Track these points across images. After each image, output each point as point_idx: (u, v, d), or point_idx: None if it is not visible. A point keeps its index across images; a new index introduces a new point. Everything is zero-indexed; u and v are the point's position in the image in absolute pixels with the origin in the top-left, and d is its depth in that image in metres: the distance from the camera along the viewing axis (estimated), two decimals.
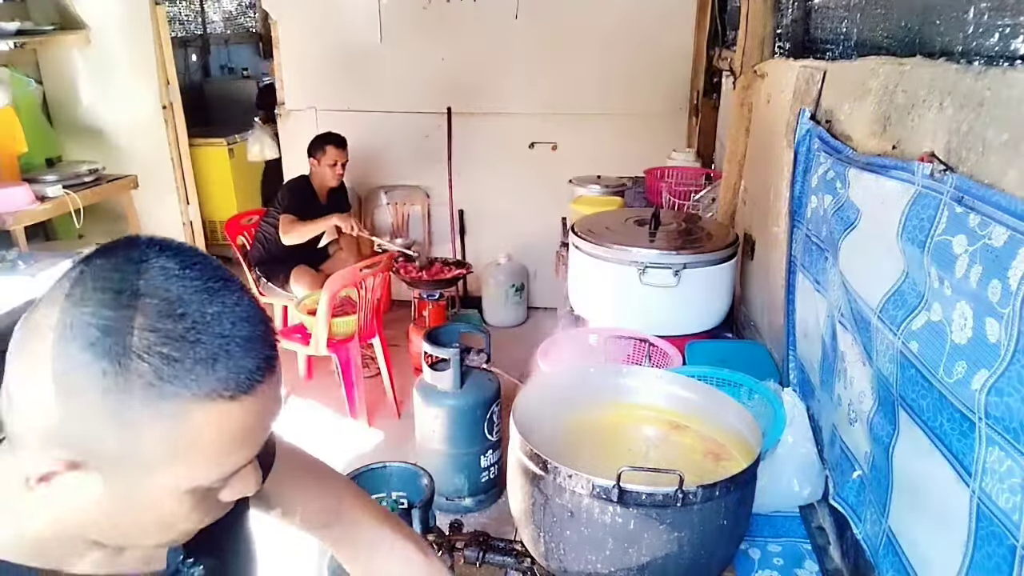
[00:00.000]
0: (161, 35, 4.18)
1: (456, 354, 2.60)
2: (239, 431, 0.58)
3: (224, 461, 0.59)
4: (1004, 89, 0.78)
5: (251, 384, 0.57)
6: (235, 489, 0.64)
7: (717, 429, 1.17)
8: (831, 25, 1.65)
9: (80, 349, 0.53)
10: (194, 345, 0.54)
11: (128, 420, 0.54)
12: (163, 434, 0.55)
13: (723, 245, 1.79)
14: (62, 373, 0.53)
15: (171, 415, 0.54)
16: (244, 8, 7.12)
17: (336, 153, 3.65)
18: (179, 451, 0.56)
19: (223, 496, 0.64)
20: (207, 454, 0.57)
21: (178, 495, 0.59)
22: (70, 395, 0.53)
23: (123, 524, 0.61)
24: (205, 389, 0.54)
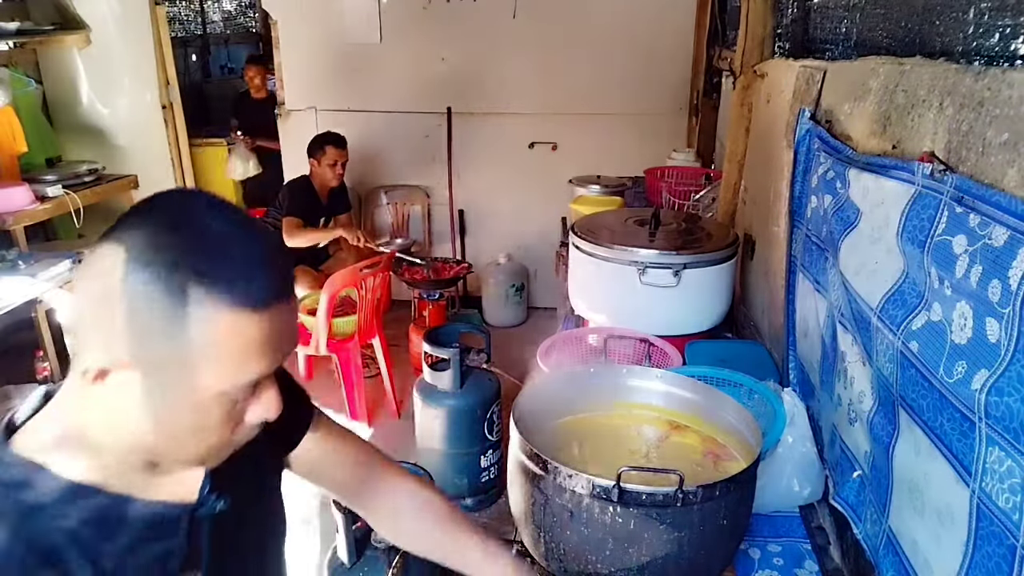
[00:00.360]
0: (161, 35, 4.18)
1: (456, 354, 2.60)
2: (257, 342, 0.67)
3: (244, 368, 0.68)
4: (1004, 89, 0.78)
5: (269, 301, 0.67)
6: (258, 410, 0.73)
7: (717, 429, 1.17)
8: (831, 25, 1.65)
9: (135, 267, 0.63)
10: (225, 265, 0.65)
11: (168, 325, 0.64)
12: (195, 338, 0.64)
13: (723, 245, 1.79)
14: (118, 286, 0.64)
15: (203, 321, 0.64)
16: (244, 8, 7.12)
17: (336, 153, 3.66)
18: (207, 355, 0.65)
19: (248, 417, 0.73)
20: (230, 359, 0.67)
21: (207, 400, 0.68)
22: (122, 304, 0.64)
23: (162, 428, 0.69)
24: (231, 301, 0.64)
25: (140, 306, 0.63)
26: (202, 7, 6.39)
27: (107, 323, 0.64)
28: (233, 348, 0.66)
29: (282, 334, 0.70)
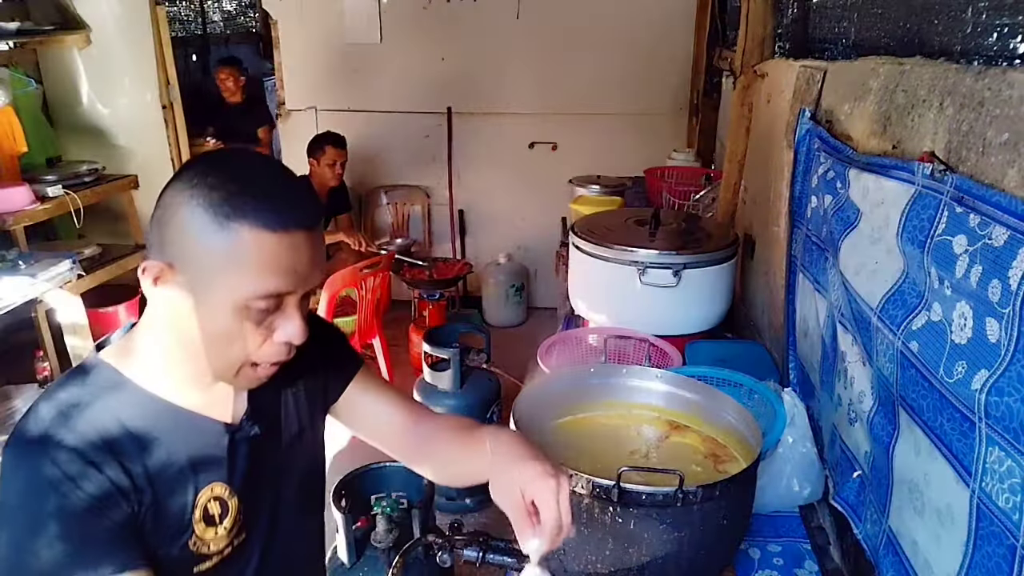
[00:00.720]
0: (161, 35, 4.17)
1: (456, 354, 2.60)
2: (275, 259, 0.78)
3: (264, 280, 0.79)
4: (1004, 89, 0.78)
5: (288, 225, 0.78)
6: (284, 329, 0.83)
7: (717, 429, 1.17)
8: (831, 25, 1.65)
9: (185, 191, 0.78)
10: (255, 194, 0.78)
11: (206, 236, 0.77)
12: (225, 249, 0.77)
13: (723, 245, 1.79)
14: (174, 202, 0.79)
15: (232, 235, 0.77)
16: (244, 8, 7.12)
17: (335, 153, 3.66)
18: (234, 264, 0.78)
19: (276, 335, 0.83)
20: (252, 270, 0.78)
21: (236, 306, 0.79)
22: (173, 217, 0.79)
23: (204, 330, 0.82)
24: (256, 222, 0.77)
25: (187, 218, 0.77)
26: (202, 7, 6.38)
27: (165, 231, 0.79)
28: (255, 261, 0.78)
29: (300, 257, 0.80)
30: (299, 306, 0.84)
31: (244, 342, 0.82)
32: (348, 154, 3.76)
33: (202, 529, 0.88)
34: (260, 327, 0.82)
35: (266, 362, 0.85)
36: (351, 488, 2.00)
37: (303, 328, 0.84)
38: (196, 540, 0.87)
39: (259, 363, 0.85)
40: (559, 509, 0.83)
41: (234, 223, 0.77)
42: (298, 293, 0.83)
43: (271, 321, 0.83)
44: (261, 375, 0.87)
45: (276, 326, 0.83)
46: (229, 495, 0.91)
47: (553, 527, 0.83)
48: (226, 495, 0.90)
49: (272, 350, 0.84)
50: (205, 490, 0.88)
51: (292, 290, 0.82)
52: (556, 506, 0.83)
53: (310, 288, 0.84)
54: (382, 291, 3.46)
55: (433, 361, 2.66)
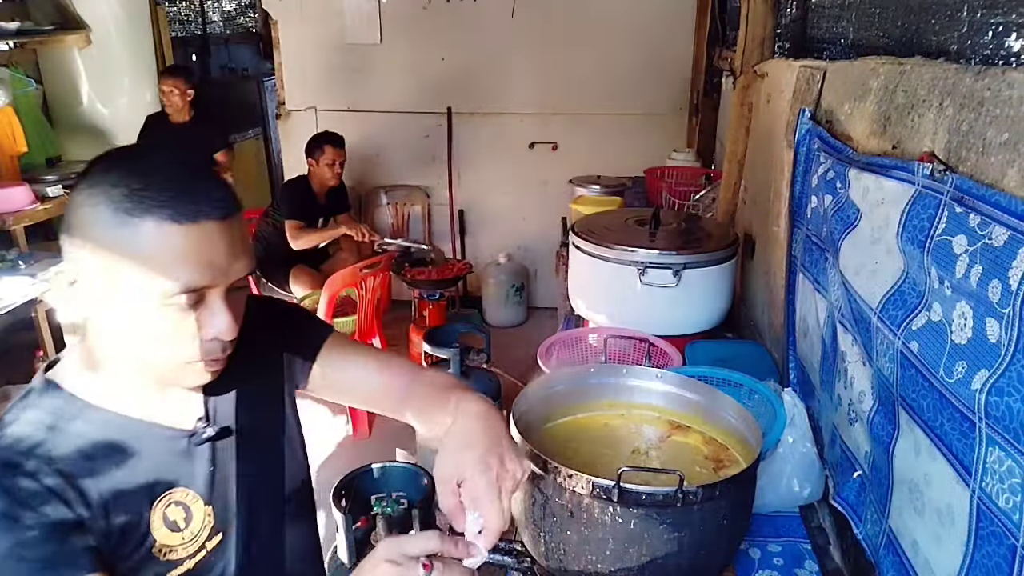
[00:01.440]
0: (161, 35, 4.18)
1: (456, 354, 2.60)
2: (186, 254, 0.76)
3: (177, 277, 0.76)
4: (1004, 89, 0.78)
5: (196, 217, 0.75)
6: (209, 325, 0.80)
7: (717, 429, 1.17)
8: (831, 25, 1.65)
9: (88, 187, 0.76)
10: (158, 185, 0.75)
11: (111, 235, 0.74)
12: (130, 247, 0.74)
13: (723, 245, 1.79)
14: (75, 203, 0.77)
15: (135, 230, 0.74)
16: (244, 8, 7.12)
17: (334, 152, 3.65)
18: (141, 263, 0.75)
19: (203, 332, 0.80)
20: (162, 268, 0.75)
21: (154, 308, 0.77)
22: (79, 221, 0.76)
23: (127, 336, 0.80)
24: (159, 214, 0.74)
25: (91, 221, 0.75)
26: (202, 7, 6.38)
27: (73, 237, 0.77)
28: (164, 257, 0.75)
29: (214, 249, 0.77)
30: (225, 299, 0.81)
31: (172, 343, 0.80)
32: (347, 154, 3.76)
33: (164, 535, 0.86)
34: (184, 326, 0.79)
35: (199, 359, 0.82)
36: (351, 488, 1.99)
37: (231, 323, 0.81)
38: (160, 547, 0.86)
39: (193, 361, 0.82)
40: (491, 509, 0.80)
41: (136, 219, 0.74)
42: (220, 286, 0.80)
43: (194, 319, 0.80)
44: (206, 371, 0.84)
45: (202, 323, 0.80)
46: (192, 499, 0.89)
47: (494, 524, 0.80)
48: (187, 499, 0.89)
49: (203, 348, 0.82)
50: (163, 497, 0.87)
51: (210, 284, 0.79)
52: (496, 506, 0.80)
53: (234, 280, 0.82)
54: (382, 291, 3.46)
55: (433, 361, 2.66)
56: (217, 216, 0.77)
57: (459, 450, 0.84)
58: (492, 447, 0.84)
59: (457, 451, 0.84)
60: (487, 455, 0.83)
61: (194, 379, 0.85)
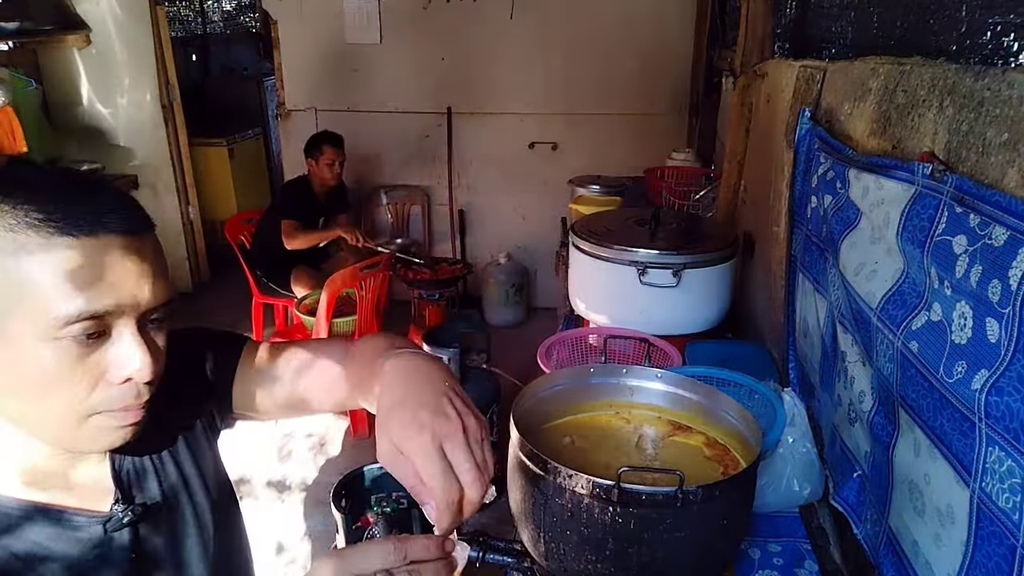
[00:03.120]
0: (161, 35, 4.18)
1: (456, 354, 2.60)
2: (79, 272, 0.64)
3: (68, 300, 0.63)
4: (1004, 89, 0.78)
5: (92, 230, 0.64)
6: (117, 364, 0.67)
7: (717, 429, 1.17)
8: (830, 25, 1.65)
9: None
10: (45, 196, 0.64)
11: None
12: (12, 267, 0.62)
13: (723, 245, 1.79)
14: None
15: (17, 247, 0.62)
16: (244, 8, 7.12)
17: (333, 153, 3.64)
18: (25, 285, 0.63)
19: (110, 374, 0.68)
20: (49, 290, 0.63)
21: (44, 342, 0.64)
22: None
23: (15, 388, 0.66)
24: (46, 227, 0.63)
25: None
26: (202, 7, 6.39)
27: None
28: (51, 275, 0.63)
29: (115, 268, 0.65)
30: (137, 334, 0.68)
31: (71, 388, 0.66)
32: (347, 154, 3.76)
33: None
34: (85, 366, 0.66)
35: (112, 408, 0.69)
36: (351, 488, 2.00)
37: (145, 359, 0.68)
38: None
39: (102, 411, 0.68)
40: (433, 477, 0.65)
41: (20, 235, 0.62)
42: (127, 315, 0.67)
43: (99, 357, 0.67)
44: (119, 428, 0.70)
45: (109, 362, 0.67)
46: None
47: (442, 496, 0.66)
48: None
49: (111, 394, 0.68)
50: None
51: (113, 309, 0.66)
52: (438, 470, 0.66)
53: (146, 308, 0.69)
54: (382, 291, 3.46)
55: None
56: (119, 230, 0.66)
57: (387, 419, 0.69)
58: (422, 402, 0.69)
59: (385, 421, 0.69)
60: (417, 413, 0.68)
61: (102, 440, 0.70)
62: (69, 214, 0.64)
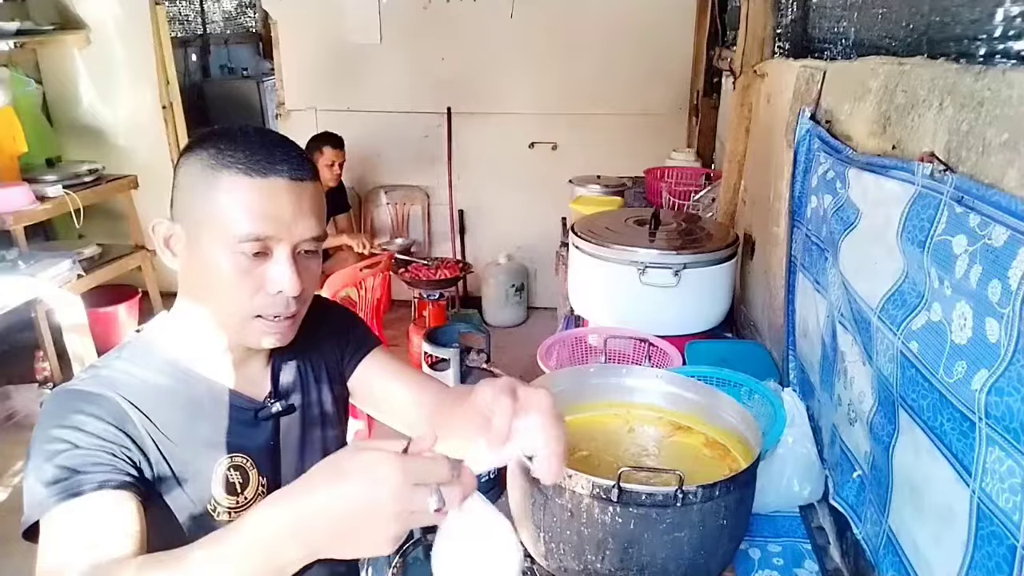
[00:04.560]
0: (161, 35, 4.18)
1: (456, 354, 2.61)
2: (252, 203, 0.84)
3: (243, 223, 0.84)
4: (1004, 89, 0.78)
5: (265, 172, 0.84)
6: (272, 279, 0.87)
7: (717, 429, 1.17)
8: (831, 25, 1.65)
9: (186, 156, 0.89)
10: (240, 146, 0.85)
11: (196, 188, 0.86)
12: (209, 195, 0.85)
13: (723, 245, 1.79)
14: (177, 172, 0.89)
15: (214, 180, 0.84)
16: (244, 8, 7.12)
17: (333, 154, 3.64)
18: (215, 208, 0.84)
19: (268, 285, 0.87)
20: (230, 214, 0.84)
21: (223, 252, 0.85)
22: (177, 181, 0.89)
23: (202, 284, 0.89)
24: (233, 167, 0.84)
25: (183, 176, 0.87)
26: (202, 7, 6.38)
27: (173, 196, 0.89)
28: (233, 204, 0.84)
29: (279, 203, 0.85)
30: (291, 258, 0.87)
31: (239, 289, 0.86)
32: (347, 154, 3.76)
33: (221, 495, 0.93)
34: (251, 276, 0.86)
35: (267, 314, 0.88)
36: None
37: (294, 278, 0.87)
38: (215, 506, 0.92)
39: (262, 315, 0.88)
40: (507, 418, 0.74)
41: (216, 172, 0.84)
42: (284, 241, 0.86)
43: (262, 271, 0.86)
44: (269, 333, 0.90)
45: (267, 276, 0.87)
46: (250, 467, 0.96)
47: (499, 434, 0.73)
48: (247, 465, 0.95)
49: (267, 301, 0.88)
50: (223, 460, 0.93)
51: (273, 235, 0.85)
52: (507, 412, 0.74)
53: (299, 239, 0.87)
54: (382, 291, 3.46)
55: (433, 361, 2.66)
56: (285, 175, 0.85)
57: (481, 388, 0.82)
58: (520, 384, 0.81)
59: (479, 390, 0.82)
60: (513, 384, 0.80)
61: (258, 337, 0.90)
62: (252, 160, 0.84)
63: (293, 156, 0.88)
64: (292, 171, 0.86)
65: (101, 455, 0.81)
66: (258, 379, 1.00)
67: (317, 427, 1.06)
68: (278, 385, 1.01)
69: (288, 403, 1.01)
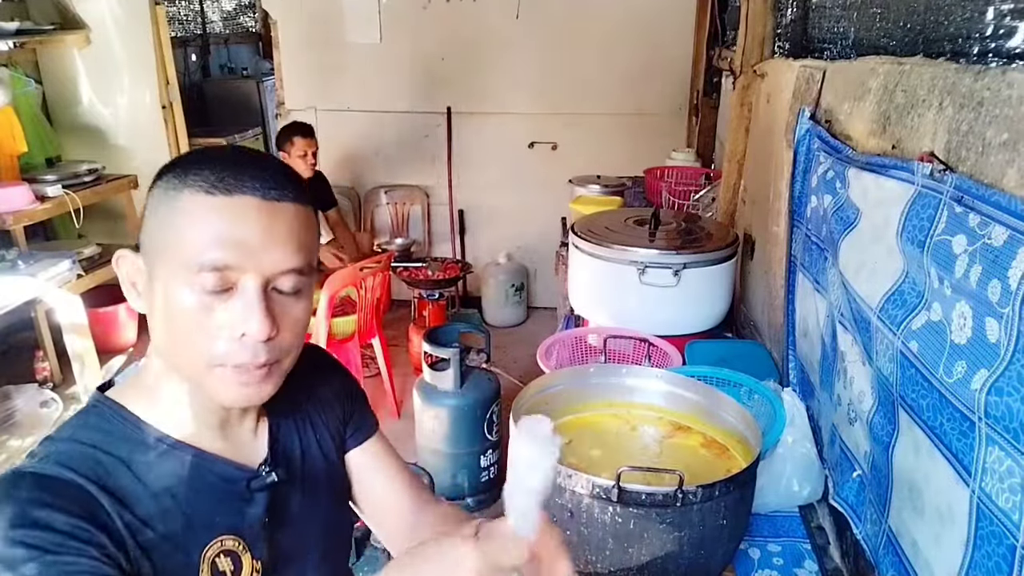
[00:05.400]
0: (161, 35, 4.17)
1: (456, 354, 2.60)
2: (214, 226, 0.71)
3: (202, 249, 0.71)
4: (1004, 89, 0.78)
5: (230, 190, 0.72)
6: (235, 318, 0.72)
7: (717, 429, 1.17)
8: (831, 25, 1.65)
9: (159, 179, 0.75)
10: (205, 162, 0.73)
11: (155, 209, 0.74)
12: (167, 216, 0.73)
13: (723, 245, 1.79)
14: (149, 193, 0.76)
15: (173, 200, 0.72)
16: (244, 8, 7.12)
17: (304, 143, 3.51)
18: (173, 232, 0.72)
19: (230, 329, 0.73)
20: (189, 238, 0.71)
21: (181, 283, 0.72)
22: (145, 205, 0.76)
23: (161, 326, 0.75)
24: (194, 184, 0.72)
25: (148, 204, 0.75)
26: (202, 7, 6.38)
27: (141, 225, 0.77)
28: (191, 226, 0.71)
29: (246, 227, 0.72)
30: (259, 293, 0.73)
31: (199, 333, 0.72)
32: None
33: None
34: (212, 316, 0.72)
35: (228, 363, 0.74)
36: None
37: (261, 319, 0.72)
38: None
39: (224, 364, 0.74)
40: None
41: (176, 192, 0.72)
42: (249, 272, 0.72)
43: (225, 309, 0.72)
44: (241, 382, 0.75)
45: (230, 315, 0.72)
46: (242, 549, 0.82)
47: None
48: (239, 549, 0.81)
49: (230, 347, 0.73)
50: (214, 543, 0.79)
51: (236, 265, 0.71)
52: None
53: (271, 272, 0.73)
54: (382, 291, 3.46)
55: (433, 361, 2.66)
56: (255, 194, 0.72)
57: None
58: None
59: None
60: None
61: (226, 392, 0.76)
62: (216, 176, 0.72)
63: (268, 173, 0.74)
64: (265, 189, 0.72)
65: (77, 561, 0.66)
66: (248, 442, 0.86)
67: (319, 497, 0.93)
68: (275, 450, 0.87)
69: (286, 471, 0.86)
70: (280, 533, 0.86)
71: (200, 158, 0.75)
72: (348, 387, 1.02)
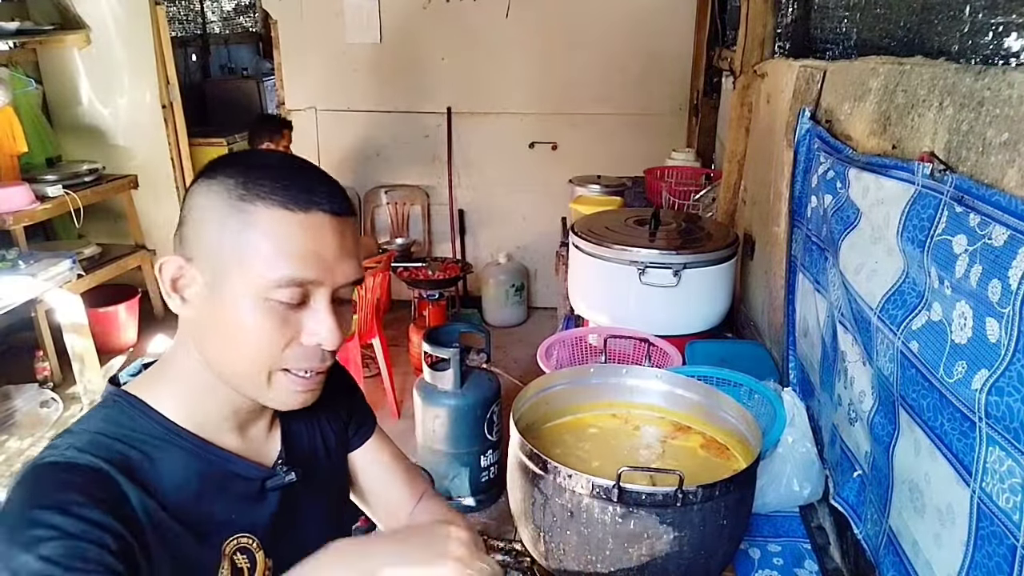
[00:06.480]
0: (161, 35, 4.17)
1: (456, 354, 2.60)
2: (294, 242, 0.72)
3: (282, 266, 0.72)
4: (1004, 89, 0.78)
5: (307, 206, 0.73)
6: (311, 329, 0.75)
7: (717, 429, 1.17)
8: (831, 25, 1.65)
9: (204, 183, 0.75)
10: (275, 178, 0.73)
11: (219, 221, 0.73)
12: (238, 231, 0.72)
13: (723, 245, 1.79)
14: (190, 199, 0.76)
15: (246, 217, 0.72)
16: (244, 8, 7.12)
17: (289, 135, 3.36)
18: (247, 248, 0.72)
19: (304, 337, 0.76)
20: (268, 255, 0.72)
21: (254, 299, 0.73)
22: (192, 211, 0.75)
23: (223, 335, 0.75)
24: (271, 202, 0.72)
25: (205, 207, 0.74)
26: (202, 7, 6.38)
27: (185, 229, 0.76)
28: (271, 243, 0.72)
29: (323, 242, 0.74)
30: (330, 305, 0.76)
31: (269, 343, 0.74)
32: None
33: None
34: (286, 326, 0.74)
35: (298, 368, 0.77)
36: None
37: (335, 329, 0.76)
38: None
39: (290, 369, 0.76)
40: None
41: (249, 204, 0.72)
42: (325, 286, 0.75)
43: (298, 320, 0.75)
44: (299, 389, 0.78)
45: (304, 326, 0.75)
46: (256, 547, 0.83)
47: None
48: (253, 547, 0.83)
49: (301, 352, 0.76)
50: (231, 540, 0.81)
51: (316, 279, 0.74)
52: None
53: (340, 284, 0.76)
54: (382, 291, 3.46)
55: (433, 361, 2.66)
56: (329, 210, 0.74)
57: None
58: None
59: None
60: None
61: (285, 393, 0.78)
62: (292, 191, 0.73)
63: (332, 188, 0.77)
64: (333, 205, 0.75)
65: (92, 549, 0.65)
66: (263, 442, 0.88)
67: (329, 496, 0.96)
68: (289, 449, 0.89)
69: (300, 470, 0.88)
70: (290, 531, 0.88)
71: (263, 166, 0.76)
72: (346, 384, 1.04)
